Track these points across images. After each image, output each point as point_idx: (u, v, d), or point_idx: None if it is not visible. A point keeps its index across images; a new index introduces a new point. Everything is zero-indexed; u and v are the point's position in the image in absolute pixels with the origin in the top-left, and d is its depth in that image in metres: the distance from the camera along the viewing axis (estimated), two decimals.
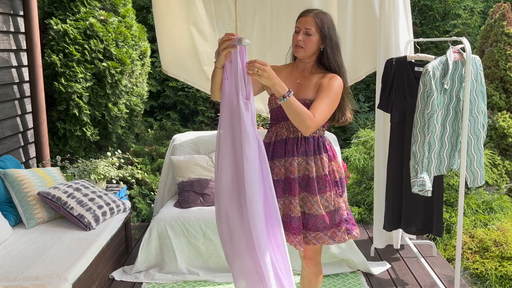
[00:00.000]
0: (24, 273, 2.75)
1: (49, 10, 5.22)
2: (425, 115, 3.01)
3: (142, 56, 5.60)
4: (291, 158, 2.50)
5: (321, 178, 2.51)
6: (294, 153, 2.50)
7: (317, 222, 2.51)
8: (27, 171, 3.70)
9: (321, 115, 2.36)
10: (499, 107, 5.29)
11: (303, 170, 2.51)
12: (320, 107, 2.37)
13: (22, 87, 4.58)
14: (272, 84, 2.25)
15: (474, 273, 3.82)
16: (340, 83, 2.45)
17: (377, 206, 3.87)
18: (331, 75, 2.46)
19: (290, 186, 2.52)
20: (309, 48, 2.45)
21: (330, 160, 2.55)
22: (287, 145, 2.52)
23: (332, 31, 2.44)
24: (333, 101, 2.42)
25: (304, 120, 2.30)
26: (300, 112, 2.30)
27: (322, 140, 2.54)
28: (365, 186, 4.90)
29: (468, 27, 7.22)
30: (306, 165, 2.50)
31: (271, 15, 4.08)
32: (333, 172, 2.55)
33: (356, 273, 3.63)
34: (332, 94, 2.41)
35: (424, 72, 2.98)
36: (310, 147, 2.50)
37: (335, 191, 2.55)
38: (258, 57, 4.15)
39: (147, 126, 6.70)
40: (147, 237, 3.65)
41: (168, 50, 4.30)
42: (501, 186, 5.07)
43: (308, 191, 2.51)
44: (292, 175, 2.50)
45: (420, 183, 3.04)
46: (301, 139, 2.51)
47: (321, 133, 2.55)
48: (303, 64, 2.55)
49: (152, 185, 5.10)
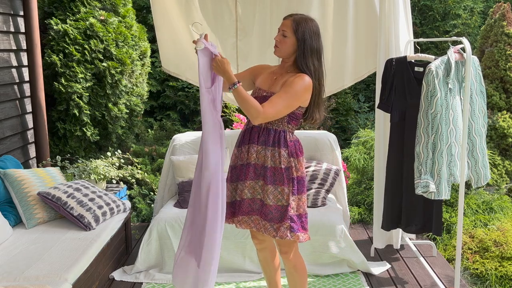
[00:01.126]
0: (24, 273, 2.75)
1: (49, 10, 5.22)
2: (428, 115, 3.00)
3: (142, 56, 5.60)
4: (252, 145, 2.69)
5: (277, 170, 2.64)
6: (254, 140, 2.68)
7: (266, 211, 2.66)
8: (27, 171, 3.70)
9: (272, 108, 2.53)
10: (499, 107, 5.29)
11: (262, 159, 2.67)
12: (274, 101, 2.55)
13: (22, 87, 4.58)
14: (222, 75, 2.55)
15: (474, 273, 3.82)
16: (306, 83, 2.58)
17: (377, 206, 3.87)
18: (299, 74, 2.61)
19: (245, 171, 2.70)
20: (283, 48, 2.64)
21: (290, 156, 2.65)
22: (252, 133, 2.71)
23: (308, 36, 2.59)
24: (291, 97, 2.56)
25: (250, 109, 2.52)
26: (248, 102, 2.52)
27: (283, 135, 2.66)
28: (365, 186, 4.90)
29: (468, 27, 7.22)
30: (264, 155, 2.66)
31: (271, 15, 4.08)
32: (291, 168, 2.65)
33: (356, 273, 3.63)
34: (291, 91, 2.55)
35: (427, 72, 2.98)
36: (269, 138, 2.65)
37: (288, 187, 2.63)
38: (258, 56, 4.18)
39: (147, 126, 6.70)
40: (147, 237, 3.65)
41: (168, 49, 4.30)
42: (501, 186, 5.07)
43: (264, 179, 2.67)
44: (248, 160, 2.69)
45: (424, 184, 3.02)
46: (263, 129, 2.67)
47: (285, 128, 2.67)
48: (283, 63, 2.74)
49: (152, 185, 5.10)
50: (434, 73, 2.95)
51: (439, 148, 3.01)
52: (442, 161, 3.03)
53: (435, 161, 3.03)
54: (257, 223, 2.72)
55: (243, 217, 2.74)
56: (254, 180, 2.70)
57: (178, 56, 4.31)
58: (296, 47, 2.62)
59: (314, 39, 2.62)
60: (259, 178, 2.69)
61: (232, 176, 2.79)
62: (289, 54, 2.66)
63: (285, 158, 2.64)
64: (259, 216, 2.70)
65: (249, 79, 2.85)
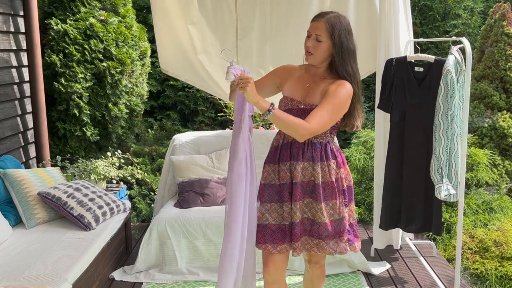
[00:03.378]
0: (24, 273, 2.75)
1: (49, 10, 5.22)
2: (448, 117, 2.98)
3: (142, 56, 5.60)
4: (296, 162, 2.44)
5: (327, 185, 2.44)
6: (299, 157, 2.44)
7: (320, 229, 2.44)
8: (27, 171, 3.70)
9: (318, 122, 2.31)
10: (499, 107, 5.29)
11: (309, 176, 2.45)
12: (319, 114, 2.32)
13: (22, 87, 4.58)
14: (255, 102, 2.26)
15: (474, 273, 3.82)
16: (349, 91, 2.38)
17: (377, 206, 3.87)
18: (339, 82, 2.39)
19: (292, 191, 2.46)
20: (318, 54, 2.39)
21: (339, 167, 2.48)
22: (292, 148, 2.46)
23: (344, 37, 2.36)
24: (336, 108, 2.36)
25: (297, 130, 2.28)
26: (290, 123, 2.29)
27: (330, 146, 2.48)
28: (365, 186, 4.90)
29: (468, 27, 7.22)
30: (312, 171, 2.44)
31: (271, 14, 4.08)
32: (341, 179, 2.48)
33: (356, 273, 3.63)
34: (336, 101, 2.34)
35: (446, 73, 2.96)
36: (317, 152, 2.44)
37: (341, 200, 2.47)
38: (258, 56, 4.17)
39: (147, 126, 6.70)
40: (147, 237, 3.65)
41: (167, 50, 4.30)
42: (501, 186, 5.07)
43: (313, 197, 2.44)
44: (295, 180, 2.44)
45: (446, 188, 3.01)
46: (308, 144, 2.45)
47: (329, 139, 2.48)
48: (315, 69, 2.50)
49: (152, 185, 5.10)
50: (453, 74, 2.94)
51: (455, 150, 3.01)
52: (458, 162, 3.03)
53: (452, 163, 3.03)
54: (305, 243, 2.50)
55: (298, 243, 2.48)
56: (301, 199, 2.46)
57: (176, 56, 4.30)
58: (332, 51, 2.39)
59: (350, 39, 2.39)
60: (305, 196, 2.46)
61: (269, 196, 2.51)
62: (324, 60, 2.43)
63: (334, 170, 2.46)
64: (308, 236, 2.48)
65: (273, 85, 2.60)
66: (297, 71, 2.56)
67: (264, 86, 2.57)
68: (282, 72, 2.59)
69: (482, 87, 5.37)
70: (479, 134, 5.26)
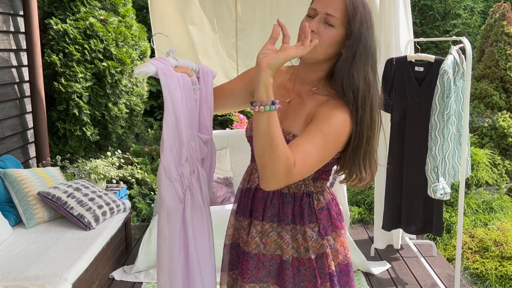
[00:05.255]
0: (24, 273, 2.75)
1: (49, 10, 5.21)
2: (445, 117, 2.99)
3: (142, 56, 5.60)
4: (251, 220, 1.57)
5: (302, 264, 1.52)
6: (257, 214, 1.55)
7: None
8: (27, 171, 3.70)
9: (304, 163, 1.33)
10: (499, 107, 5.29)
11: (272, 246, 1.54)
12: (306, 149, 1.34)
13: (22, 87, 4.58)
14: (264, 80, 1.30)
15: (474, 273, 3.82)
16: (345, 122, 1.41)
17: (377, 206, 3.87)
18: (338, 103, 1.44)
19: (242, 266, 1.57)
20: (323, 44, 1.42)
21: (323, 235, 1.52)
22: (254, 200, 1.58)
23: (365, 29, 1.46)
24: (328, 144, 1.39)
25: (279, 162, 1.29)
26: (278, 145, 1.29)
27: (308, 202, 1.52)
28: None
29: (468, 26, 7.22)
30: (277, 238, 1.53)
31: (271, 15, 4.08)
32: (325, 256, 1.52)
33: (356, 273, 3.63)
34: (330, 133, 1.39)
35: (443, 73, 2.96)
36: (285, 209, 1.52)
37: None
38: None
39: (147, 126, 6.70)
40: (147, 237, 3.65)
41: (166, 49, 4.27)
42: (501, 186, 5.07)
43: (280, 284, 1.54)
44: (247, 248, 1.56)
45: (442, 186, 3.03)
46: (274, 195, 1.53)
47: (309, 188, 1.53)
48: (307, 74, 1.53)
49: (152, 185, 5.10)
50: (450, 74, 2.94)
51: (449, 149, 3.02)
52: (451, 161, 3.05)
53: (446, 162, 3.04)
54: None
55: None
56: (259, 283, 1.55)
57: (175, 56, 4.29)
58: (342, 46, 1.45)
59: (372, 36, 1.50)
60: (268, 280, 1.55)
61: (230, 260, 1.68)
62: (327, 57, 1.47)
63: (314, 241, 1.52)
64: None
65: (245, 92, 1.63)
66: (280, 76, 1.61)
67: (228, 93, 1.66)
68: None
69: (482, 87, 5.37)
70: (479, 134, 5.26)
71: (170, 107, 1.41)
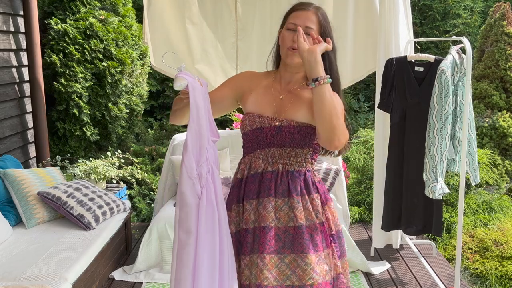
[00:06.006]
0: (24, 273, 2.75)
1: (49, 10, 5.22)
2: (442, 117, 3.00)
3: (142, 56, 5.60)
4: (263, 199, 1.82)
5: (314, 229, 1.81)
6: (270, 192, 1.82)
7: None
8: (27, 171, 3.70)
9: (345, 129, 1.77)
10: (499, 107, 5.29)
11: (285, 219, 1.82)
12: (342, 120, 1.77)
13: (22, 87, 4.58)
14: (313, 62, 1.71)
15: (474, 273, 3.82)
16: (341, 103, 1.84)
17: (376, 206, 3.87)
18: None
19: (259, 240, 1.80)
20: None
21: (323, 204, 1.87)
22: (263, 181, 1.84)
23: (332, 33, 1.87)
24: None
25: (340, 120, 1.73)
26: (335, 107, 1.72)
27: (310, 176, 1.87)
28: (365, 186, 4.90)
29: (468, 26, 7.23)
30: (289, 211, 1.81)
31: (271, 15, 4.08)
32: (328, 221, 1.86)
33: (356, 273, 3.63)
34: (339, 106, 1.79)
35: (440, 73, 2.97)
36: (295, 183, 1.83)
37: (331, 250, 1.84)
38: (258, 56, 4.16)
39: (147, 126, 6.70)
40: (147, 237, 3.65)
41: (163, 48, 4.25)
42: (501, 186, 5.07)
43: (296, 249, 1.78)
44: (263, 223, 1.80)
45: (440, 186, 3.03)
46: (282, 173, 1.83)
47: (308, 166, 1.88)
48: (291, 75, 1.90)
49: (152, 185, 5.10)
50: (447, 74, 2.94)
51: (446, 149, 3.03)
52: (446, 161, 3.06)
53: (443, 161, 3.05)
54: None
55: None
56: (277, 254, 1.79)
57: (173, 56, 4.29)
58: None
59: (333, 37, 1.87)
60: (284, 252, 1.79)
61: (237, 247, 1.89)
62: None
63: (319, 208, 1.84)
64: None
65: (231, 98, 1.94)
66: (263, 80, 1.94)
67: (218, 100, 1.92)
68: (242, 81, 1.95)
69: (482, 86, 5.37)
70: (479, 134, 5.26)
71: (195, 115, 1.67)
